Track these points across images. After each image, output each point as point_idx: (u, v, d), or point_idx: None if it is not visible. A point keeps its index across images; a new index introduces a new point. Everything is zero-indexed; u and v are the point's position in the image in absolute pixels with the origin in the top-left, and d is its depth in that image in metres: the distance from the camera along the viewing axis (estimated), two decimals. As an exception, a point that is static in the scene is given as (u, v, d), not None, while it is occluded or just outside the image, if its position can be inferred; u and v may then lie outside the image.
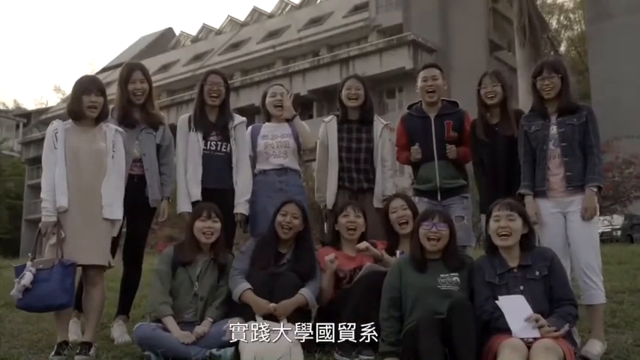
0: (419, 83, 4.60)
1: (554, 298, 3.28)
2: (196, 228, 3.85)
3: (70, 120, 3.85)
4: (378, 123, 4.69)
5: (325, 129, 4.72)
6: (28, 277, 3.47)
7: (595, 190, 3.71)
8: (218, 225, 3.86)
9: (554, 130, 3.84)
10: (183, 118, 4.48)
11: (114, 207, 3.77)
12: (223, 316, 3.77)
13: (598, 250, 3.78)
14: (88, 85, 3.84)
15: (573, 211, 3.75)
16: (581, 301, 3.64)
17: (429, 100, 4.57)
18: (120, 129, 3.98)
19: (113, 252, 3.96)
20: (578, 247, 3.72)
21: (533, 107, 4.02)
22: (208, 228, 3.84)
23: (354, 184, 4.56)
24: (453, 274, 3.48)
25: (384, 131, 4.67)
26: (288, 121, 4.63)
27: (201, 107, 4.42)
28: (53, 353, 3.60)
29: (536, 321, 3.08)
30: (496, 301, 3.21)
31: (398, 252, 4.01)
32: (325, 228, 4.65)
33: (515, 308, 3.16)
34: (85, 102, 3.78)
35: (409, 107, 4.83)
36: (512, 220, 3.40)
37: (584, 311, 3.76)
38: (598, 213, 3.81)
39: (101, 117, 3.87)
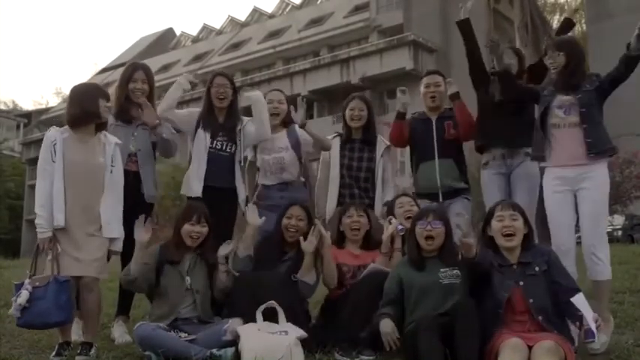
0: (422, 89, 4.69)
1: (563, 289, 3.28)
2: (184, 230, 3.85)
3: (66, 127, 3.77)
4: (382, 143, 4.73)
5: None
6: (24, 296, 3.43)
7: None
8: (205, 230, 3.87)
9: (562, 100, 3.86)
10: (193, 111, 4.54)
11: (112, 225, 3.75)
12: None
13: (605, 226, 3.80)
14: (100, 90, 3.85)
15: (585, 187, 3.75)
16: (587, 277, 3.73)
17: (431, 105, 4.66)
18: (119, 141, 3.96)
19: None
20: (586, 222, 3.74)
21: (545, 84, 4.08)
22: (196, 232, 3.84)
23: (356, 199, 4.55)
24: (453, 267, 3.52)
25: (386, 152, 4.71)
26: (286, 125, 4.63)
27: (208, 109, 4.46)
28: (54, 354, 3.59)
29: (596, 321, 3.06)
30: (571, 299, 3.16)
31: (397, 224, 4.01)
32: None
33: (584, 307, 3.12)
34: (102, 106, 3.76)
35: (412, 114, 4.88)
36: (516, 219, 3.41)
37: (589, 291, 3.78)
38: (609, 188, 3.85)
39: (103, 125, 3.88)
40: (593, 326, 3.01)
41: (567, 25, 4.66)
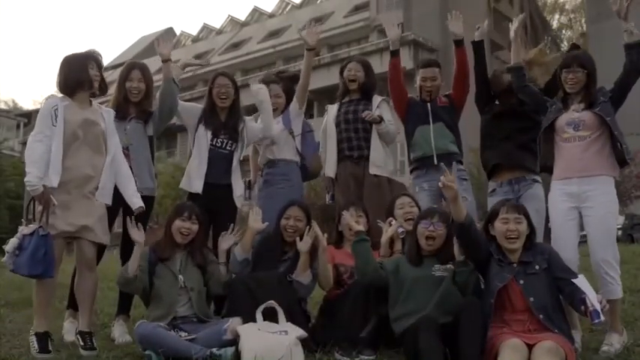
0: (418, 81, 4.73)
1: (566, 282, 3.28)
2: (175, 226, 3.86)
3: (65, 96, 3.75)
4: (377, 97, 4.85)
5: (327, 112, 4.94)
6: (11, 244, 3.46)
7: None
8: (196, 227, 3.88)
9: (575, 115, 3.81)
10: (198, 106, 4.60)
11: (106, 190, 3.77)
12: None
13: (615, 244, 3.76)
14: (89, 59, 3.80)
15: (589, 206, 3.72)
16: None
17: (426, 99, 4.71)
18: (113, 111, 4.00)
19: (101, 254, 4.01)
20: (595, 242, 3.70)
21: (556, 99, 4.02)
22: (187, 229, 3.85)
23: (355, 151, 4.71)
24: (448, 264, 3.58)
25: (383, 103, 4.81)
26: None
27: (210, 108, 4.49)
28: (37, 349, 3.52)
29: (600, 302, 3.07)
30: (574, 280, 3.20)
31: (397, 226, 4.05)
32: (327, 198, 4.84)
33: (587, 289, 3.13)
34: (92, 74, 3.76)
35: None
36: (520, 222, 3.41)
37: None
38: (617, 207, 3.82)
39: (95, 93, 3.88)
40: (598, 306, 3.02)
41: (574, 50, 4.61)
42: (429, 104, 4.66)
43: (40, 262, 3.43)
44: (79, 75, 3.74)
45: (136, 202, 3.86)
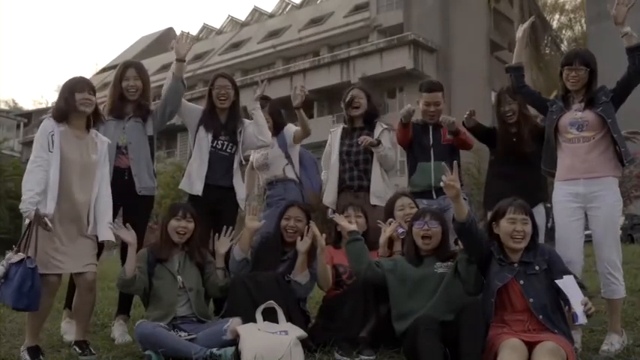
0: (421, 106, 4.73)
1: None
2: (171, 226, 3.87)
3: (62, 122, 3.72)
4: (379, 127, 4.82)
5: (330, 138, 4.93)
6: None
7: None
8: (192, 225, 3.89)
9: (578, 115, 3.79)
10: (198, 107, 4.62)
11: (100, 225, 3.73)
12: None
13: (619, 244, 3.78)
14: (79, 83, 3.75)
15: (596, 206, 3.71)
16: (601, 295, 3.74)
17: (430, 122, 4.73)
18: (109, 141, 3.95)
19: (100, 253, 3.96)
20: (601, 242, 3.71)
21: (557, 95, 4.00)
22: (183, 227, 3.86)
23: (355, 181, 4.69)
24: (449, 261, 3.62)
25: (384, 132, 4.78)
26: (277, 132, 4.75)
27: (210, 109, 4.51)
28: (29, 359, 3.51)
29: (585, 305, 3.06)
30: (556, 281, 3.20)
31: (394, 226, 4.06)
32: (329, 213, 4.77)
33: (572, 290, 3.14)
34: (78, 99, 3.69)
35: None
36: (526, 223, 3.40)
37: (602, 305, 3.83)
38: (621, 207, 3.81)
39: (91, 120, 3.81)
40: (578, 310, 3.03)
41: None
42: (431, 139, 4.65)
43: (26, 295, 3.35)
44: (67, 98, 3.70)
45: (104, 234, 3.73)
